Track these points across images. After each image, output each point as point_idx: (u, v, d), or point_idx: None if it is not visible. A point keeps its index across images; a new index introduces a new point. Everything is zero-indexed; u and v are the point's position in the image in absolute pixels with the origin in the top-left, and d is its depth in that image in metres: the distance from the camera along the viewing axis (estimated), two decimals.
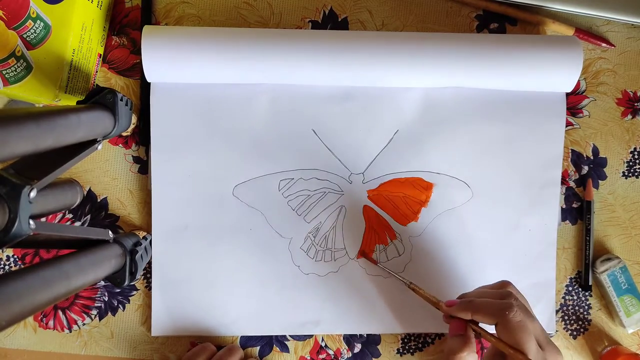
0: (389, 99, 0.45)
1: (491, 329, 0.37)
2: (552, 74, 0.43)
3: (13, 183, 0.27)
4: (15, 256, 0.46)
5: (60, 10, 0.39)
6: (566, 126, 0.47)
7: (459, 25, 0.47)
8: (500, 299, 0.37)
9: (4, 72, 0.38)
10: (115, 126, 0.39)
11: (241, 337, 0.46)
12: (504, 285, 0.40)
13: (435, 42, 0.43)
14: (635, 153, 0.48)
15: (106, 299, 0.46)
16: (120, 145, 0.46)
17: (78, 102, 0.39)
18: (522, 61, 0.42)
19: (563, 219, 0.48)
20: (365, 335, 0.47)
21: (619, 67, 0.48)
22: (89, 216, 0.46)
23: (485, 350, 0.39)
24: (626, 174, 0.48)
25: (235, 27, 0.44)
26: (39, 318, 0.46)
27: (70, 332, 0.46)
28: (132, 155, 0.46)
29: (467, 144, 0.46)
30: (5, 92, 0.39)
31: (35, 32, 0.38)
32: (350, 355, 0.47)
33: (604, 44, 0.47)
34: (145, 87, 0.45)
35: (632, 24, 0.47)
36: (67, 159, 0.33)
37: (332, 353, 0.47)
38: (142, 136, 0.46)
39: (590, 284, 0.47)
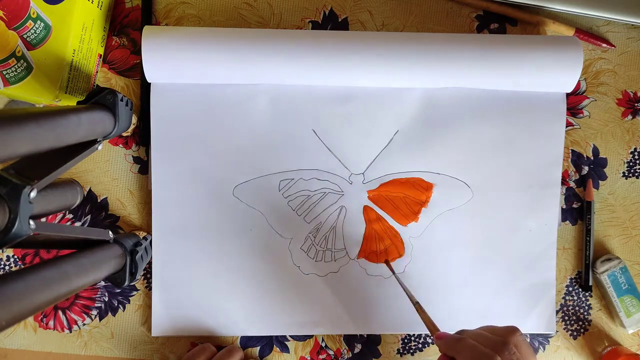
0: (389, 99, 0.45)
1: None
2: (553, 74, 0.43)
3: (13, 183, 0.27)
4: (15, 256, 0.46)
5: (61, 10, 0.39)
6: (566, 126, 0.47)
7: (459, 26, 0.47)
8: (494, 348, 0.34)
9: (4, 73, 0.38)
10: (115, 126, 0.39)
11: (241, 337, 0.46)
12: (509, 333, 0.36)
13: (435, 42, 0.43)
14: (636, 153, 0.48)
15: (106, 299, 0.46)
16: (121, 145, 0.46)
17: (78, 103, 0.39)
18: (522, 61, 0.42)
19: (563, 219, 0.48)
20: (365, 335, 0.47)
21: (619, 67, 0.48)
22: (89, 216, 0.46)
23: None
24: (626, 174, 0.48)
25: (235, 28, 0.44)
26: (39, 318, 0.46)
27: (71, 332, 0.46)
28: (132, 156, 0.46)
29: (468, 144, 0.46)
30: (6, 93, 0.39)
31: (35, 33, 0.38)
32: (350, 355, 0.47)
33: (604, 44, 0.47)
34: (145, 87, 0.45)
35: (632, 24, 0.47)
36: (67, 159, 0.33)
37: (332, 353, 0.47)
38: (142, 136, 0.46)
39: (590, 284, 0.47)
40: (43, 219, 0.43)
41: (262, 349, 0.47)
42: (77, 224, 0.46)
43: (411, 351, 0.47)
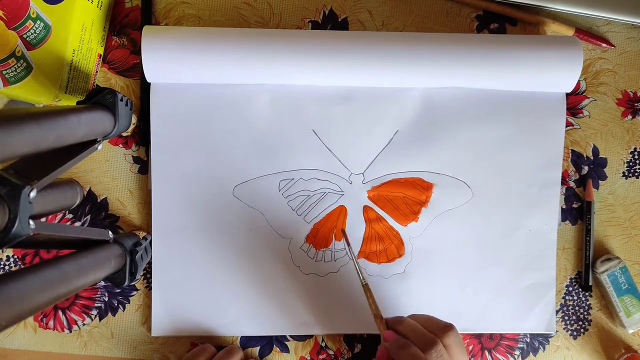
0: (389, 99, 0.45)
1: None
2: (552, 74, 0.43)
3: (13, 183, 0.27)
4: (15, 256, 0.46)
5: (60, 10, 0.39)
6: (566, 126, 0.47)
7: (459, 25, 0.47)
8: (423, 346, 0.37)
9: (4, 73, 0.38)
10: (115, 126, 0.39)
11: (241, 337, 0.46)
12: (441, 330, 0.38)
13: (435, 42, 0.43)
14: (635, 153, 0.48)
15: (106, 299, 0.46)
16: (120, 145, 0.46)
17: (78, 103, 0.39)
18: (522, 61, 0.42)
19: (563, 219, 0.48)
20: (365, 335, 0.47)
21: (619, 67, 0.48)
22: (89, 216, 0.46)
23: None
24: (626, 174, 0.48)
25: (235, 27, 0.44)
26: (39, 318, 0.46)
27: (71, 332, 0.46)
28: (132, 156, 0.46)
29: (467, 144, 0.46)
30: (6, 92, 0.39)
31: (35, 32, 0.38)
32: (350, 355, 0.47)
33: (604, 44, 0.47)
34: (145, 87, 0.45)
35: (632, 24, 0.47)
36: (67, 159, 0.33)
37: (332, 353, 0.47)
38: (142, 136, 0.46)
39: (590, 284, 0.47)
40: (43, 219, 0.43)
41: (262, 349, 0.47)
42: (77, 224, 0.46)
43: None
